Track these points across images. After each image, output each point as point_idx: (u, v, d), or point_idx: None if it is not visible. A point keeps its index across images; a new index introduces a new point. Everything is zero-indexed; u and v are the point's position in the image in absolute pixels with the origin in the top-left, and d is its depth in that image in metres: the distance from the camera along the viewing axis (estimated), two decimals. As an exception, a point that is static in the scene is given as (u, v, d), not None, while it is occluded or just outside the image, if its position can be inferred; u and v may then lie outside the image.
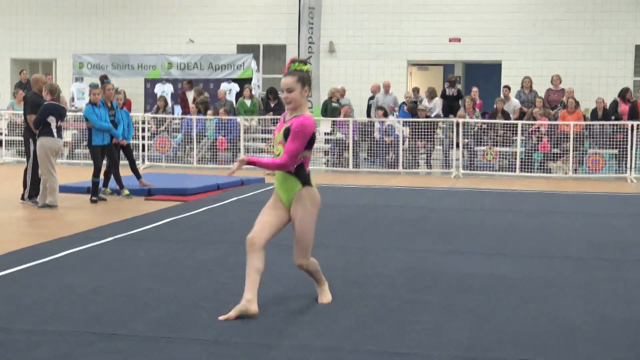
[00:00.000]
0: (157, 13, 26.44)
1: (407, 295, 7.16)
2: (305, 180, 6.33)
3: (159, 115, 22.01)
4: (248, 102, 21.93)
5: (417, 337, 5.81)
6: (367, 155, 20.95)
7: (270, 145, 21.08)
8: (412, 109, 21.10)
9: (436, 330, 6.00)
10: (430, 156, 20.89)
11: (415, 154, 20.55)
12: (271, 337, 5.77)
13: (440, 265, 8.49)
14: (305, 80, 6.23)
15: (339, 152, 20.98)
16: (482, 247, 9.77)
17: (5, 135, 22.14)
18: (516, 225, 11.56)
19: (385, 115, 21.09)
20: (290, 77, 6.19)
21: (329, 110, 21.84)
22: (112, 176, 14.51)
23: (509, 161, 20.01)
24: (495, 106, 20.99)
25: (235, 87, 23.45)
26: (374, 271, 8.16)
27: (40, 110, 12.53)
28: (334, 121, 21.20)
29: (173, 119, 22.04)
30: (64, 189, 14.03)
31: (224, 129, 21.11)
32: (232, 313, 6.13)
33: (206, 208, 12.83)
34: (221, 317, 6.13)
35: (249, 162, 6.15)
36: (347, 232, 10.81)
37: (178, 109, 23.19)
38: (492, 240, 10.31)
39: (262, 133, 21.88)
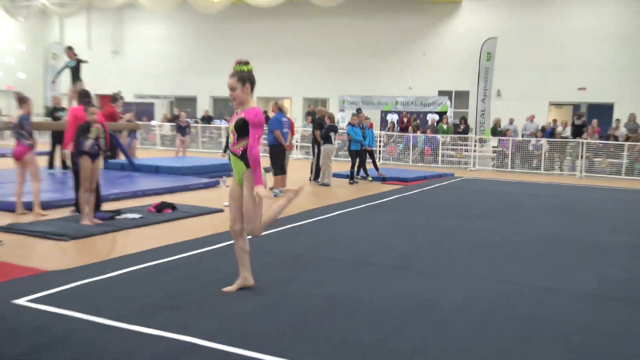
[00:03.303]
0: (388, 70, 26.39)
1: (554, 252, 6.78)
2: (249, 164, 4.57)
3: (389, 133, 22.01)
4: (445, 126, 21.48)
5: (562, 278, 5.50)
6: (520, 161, 19.98)
7: (457, 152, 20.60)
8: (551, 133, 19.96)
9: (574, 274, 5.67)
10: (562, 163, 19.66)
11: (552, 161, 19.44)
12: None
13: (574, 234, 7.98)
14: (244, 78, 4.55)
15: (502, 158, 20.15)
16: (601, 223, 9.08)
17: (298, 142, 22.94)
18: (625, 211, 10.67)
19: (543, 135, 19.96)
20: (231, 78, 4.55)
21: (496, 132, 21.06)
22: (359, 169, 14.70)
23: (617, 169, 18.48)
24: (608, 132, 19.46)
25: (436, 117, 23.04)
26: (529, 236, 7.76)
27: (325, 128, 12.87)
28: (499, 139, 20.42)
29: (397, 135, 21.95)
30: (334, 175, 14.39)
31: (429, 142, 20.82)
32: (234, 287, 4.80)
33: (418, 190, 12.71)
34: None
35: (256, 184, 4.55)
36: (508, 209, 10.37)
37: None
38: (609, 219, 9.55)
39: (452, 146, 21.30)
